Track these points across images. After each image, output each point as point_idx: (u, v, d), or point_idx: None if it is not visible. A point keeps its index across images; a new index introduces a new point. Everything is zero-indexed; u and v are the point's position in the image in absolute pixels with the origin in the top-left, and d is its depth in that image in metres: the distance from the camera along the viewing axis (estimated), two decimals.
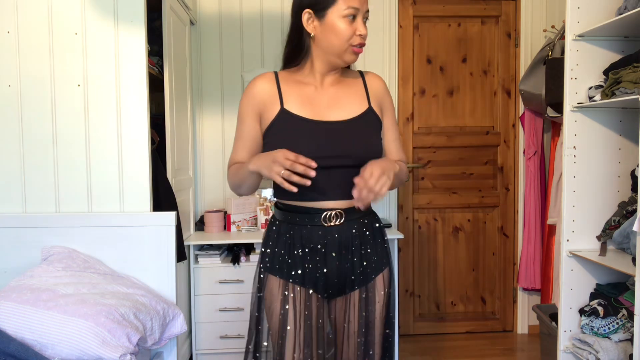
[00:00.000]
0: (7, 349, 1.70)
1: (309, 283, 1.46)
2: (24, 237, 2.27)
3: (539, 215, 3.34)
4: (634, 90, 2.06)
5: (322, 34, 1.43)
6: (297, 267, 1.46)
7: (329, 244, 1.46)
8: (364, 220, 1.51)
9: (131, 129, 2.33)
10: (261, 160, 1.37)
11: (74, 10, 2.29)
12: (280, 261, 1.48)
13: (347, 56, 1.44)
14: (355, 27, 1.41)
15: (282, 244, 1.48)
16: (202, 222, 3.16)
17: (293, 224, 1.47)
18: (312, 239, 1.46)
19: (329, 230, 1.45)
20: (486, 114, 3.53)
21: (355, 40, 1.42)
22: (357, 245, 1.49)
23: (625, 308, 2.26)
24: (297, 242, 1.46)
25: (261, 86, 1.48)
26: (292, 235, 1.47)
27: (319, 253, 1.46)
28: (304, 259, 1.46)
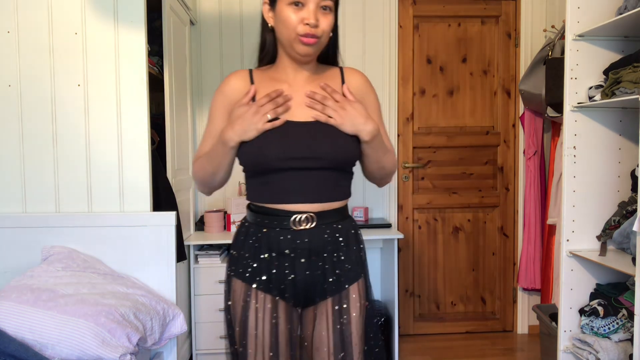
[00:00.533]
0: (7, 349, 1.70)
1: (275, 290, 1.37)
2: (24, 237, 2.27)
3: (539, 215, 3.34)
4: (634, 90, 2.06)
5: (277, 25, 1.36)
6: (262, 273, 1.37)
7: (298, 249, 1.36)
8: (337, 225, 1.40)
9: (131, 129, 2.33)
10: (235, 127, 1.31)
11: (74, 10, 2.29)
12: (244, 265, 1.39)
13: (297, 46, 1.32)
14: (303, 15, 1.30)
15: (248, 247, 1.39)
16: (202, 222, 3.16)
17: (261, 227, 1.38)
18: (280, 243, 1.36)
19: (298, 234, 1.35)
20: (486, 114, 3.53)
21: (301, 29, 1.30)
22: (329, 251, 1.38)
23: (625, 308, 2.26)
24: (264, 246, 1.37)
25: (234, 84, 1.41)
26: (260, 239, 1.38)
27: (287, 258, 1.36)
28: (271, 264, 1.37)
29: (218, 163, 1.38)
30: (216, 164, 1.38)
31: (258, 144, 1.32)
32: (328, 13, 1.33)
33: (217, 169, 1.39)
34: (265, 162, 1.33)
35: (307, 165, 1.33)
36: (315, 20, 1.30)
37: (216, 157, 1.37)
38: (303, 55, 1.35)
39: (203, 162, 1.42)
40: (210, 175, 1.42)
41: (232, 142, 1.32)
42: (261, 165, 1.34)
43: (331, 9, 1.34)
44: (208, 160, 1.40)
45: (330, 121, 1.34)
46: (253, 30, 3.32)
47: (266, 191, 1.37)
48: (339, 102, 1.36)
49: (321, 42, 1.35)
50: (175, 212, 2.34)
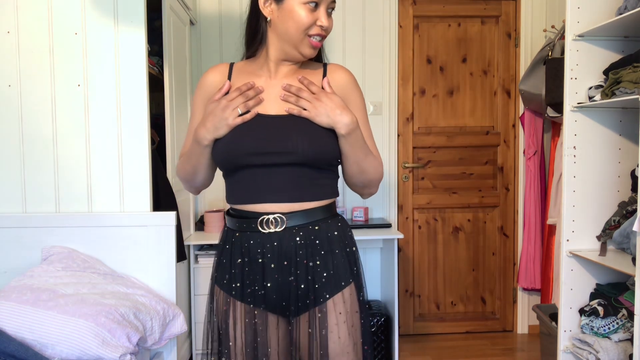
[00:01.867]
0: (7, 349, 1.70)
1: (249, 297, 1.29)
2: (24, 237, 2.27)
3: (539, 215, 3.34)
4: (634, 90, 2.05)
5: (279, 19, 1.27)
6: (237, 280, 1.30)
7: (267, 254, 1.26)
8: (314, 227, 1.29)
9: (131, 129, 2.33)
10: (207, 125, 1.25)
11: (74, 10, 2.29)
12: (223, 271, 1.34)
13: (303, 48, 1.27)
14: (317, 16, 1.25)
15: (226, 252, 1.33)
16: (202, 222, 3.16)
17: (235, 230, 1.31)
18: (250, 247, 1.28)
19: (267, 237, 1.26)
20: (486, 114, 3.53)
21: (314, 30, 1.26)
22: (301, 256, 1.27)
23: (625, 308, 2.26)
24: (237, 251, 1.30)
25: (211, 78, 1.36)
26: (234, 243, 1.31)
27: (258, 264, 1.27)
28: (244, 270, 1.29)
29: (196, 162, 1.32)
30: (194, 163, 1.33)
31: (227, 139, 1.25)
32: (331, 16, 1.30)
33: (196, 169, 1.34)
34: (234, 159, 1.26)
35: (278, 161, 1.25)
36: (327, 24, 1.27)
37: (193, 157, 1.32)
38: (307, 56, 1.30)
39: (183, 161, 1.37)
40: (191, 174, 1.36)
41: (206, 141, 1.26)
42: (231, 163, 1.27)
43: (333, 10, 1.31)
44: (187, 159, 1.34)
45: (303, 113, 1.26)
46: None
47: (237, 190, 1.30)
48: (315, 94, 1.28)
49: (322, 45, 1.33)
50: (175, 212, 2.34)
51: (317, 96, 1.27)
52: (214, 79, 1.35)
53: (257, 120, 1.27)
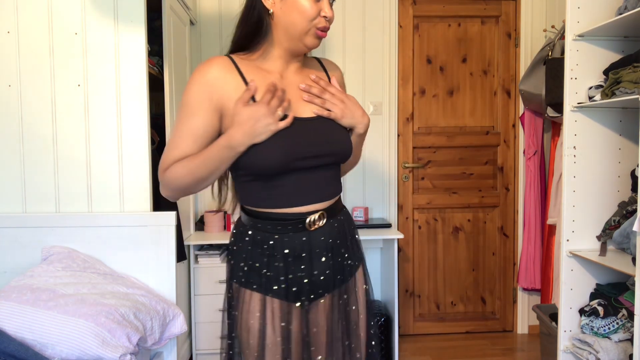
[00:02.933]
0: (7, 349, 1.70)
1: (291, 294, 1.30)
2: (24, 237, 2.27)
3: (539, 215, 3.34)
4: (634, 90, 2.05)
5: (283, 11, 1.25)
6: (278, 280, 1.29)
7: (314, 249, 1.30)
8: (340, 217, 1.37)
9: (131, 129, 2.33)
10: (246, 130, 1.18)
11: (74, 10, 2.29)
12: (257, 274, 1.29)
13: (308, 39, 1.26)
14: (321, 7, 1.24)
15: (257, 255, 1.29)
16: (202, 222, 3.16)
17: (272, 233, 1.28)
18: (297, 247, 1.29)
19: (313, 234, 1.29)
20: (486, 114, 3.53)
21: (320, 22, 1.25)
22: (339, 245, 1.35)
23: (625, 308, 2.26)
24: (279, 252, 1.28)
25: (219, 73, 1.25)
26: (273, 246, 1.28)
27: (304, 260, 1.30)
28: (287, 269, 1.29)
29: (216, 168, 1.23)
30: (213, 169, 1.23)
31: (269, 144, 1.20)
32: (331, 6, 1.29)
33: (212, 175, 1.25)
34: (275, 165, 1.22)
35: (316, 163, 1.27)
36: (330, 14, 1.26)
37: (215, 162, 1.22)
38: (311, 47, 1.29)
39: (190, 167, 1.23)
40: (200, 181, 1.25)
41: (243, 147, 1.20)
42: (270, 169, 1.23)
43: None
44: (201, 164, 1.22)
45: (331, 115, 1.30)
46: None
47: (274, 195, 1.27)
48: (334, 95, 1.32)
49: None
50: (175, 212, 2.34)
51: (339, 97, 1.32)
52: (222, 75, 1.25)
53: (294, 125, 1.24)
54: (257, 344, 1.29)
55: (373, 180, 3.43)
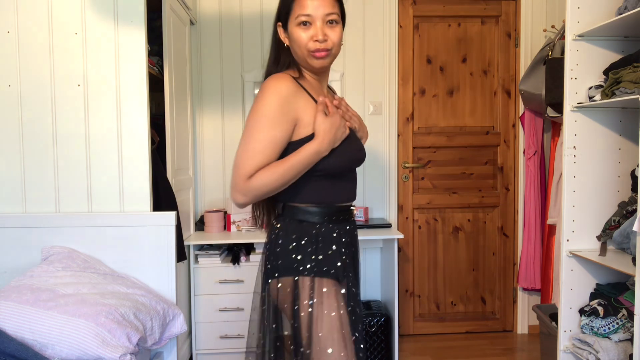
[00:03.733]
0: (7, 349, 1.70)
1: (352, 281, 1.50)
2: (24, 237, 2.27)
3: (539, 215, 3.34)
4: (634, 90, 2.06)
5: (290, 44, 1.47)
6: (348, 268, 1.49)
7: (354, 239, 1.57)
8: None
9: (131, 129, 2.33)
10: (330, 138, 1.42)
11: (74, 10, 2.29)
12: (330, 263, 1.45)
13: (311, 61, 1.45)
14: (312, 33, 1.41)
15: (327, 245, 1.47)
16: (202, 222, 3.16)
17: (336, 224, 1.50)
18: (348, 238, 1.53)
19: (353, 225, 1.57)
20: (486, 114, 3.53)
21: (311, 45, 1.42)
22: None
23: (625, 308, 2.26)
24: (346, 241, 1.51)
25: (293, 89, 1.42)
26: (340, 235, 1.49)
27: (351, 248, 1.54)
28: (348, 257, 1.50)
29: (302, 171, 1.42)
30: (300, 171, 1.41)
31: (346, 148, 1.47)
32: (335, 26, 1.43)
33: (297, 177, 1.43)
34: (351, 165, 1.51)
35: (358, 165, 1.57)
36: (323, 36, 1.41)
37: (303, 166, 1.41)
38: (319, 68, 1.47)
39: (280, 172, 1.38)
40: (287, 183, 1.42)
41: (327, 152, 1.42)
42: (342, 169, 1.48)
43: (337, 21, 1.44)
44: (290, 169, 1.39)
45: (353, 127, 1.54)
46: (253, 30, 3.32)
47: (340, 191, 1.51)
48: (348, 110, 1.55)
49: (333, 53, 1.45)
50: (175, 212, 2.34)
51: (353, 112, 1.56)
52: (296, 91, 1.43)
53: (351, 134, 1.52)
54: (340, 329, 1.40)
55: (373, 180, 3.43)
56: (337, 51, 1.46)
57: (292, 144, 1.42)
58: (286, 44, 1.48)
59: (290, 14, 1.42)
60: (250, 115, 1.41)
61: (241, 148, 1.39)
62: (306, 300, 1.40)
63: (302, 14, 1.40)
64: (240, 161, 1.38)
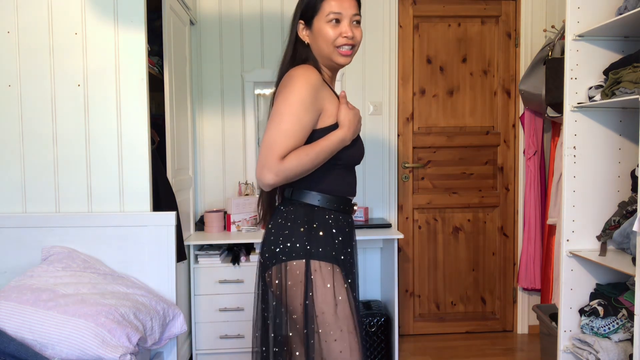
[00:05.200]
0: (7, 349, 1.70)
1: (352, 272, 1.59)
2: (24, 237, 2.27)
3: (539, 215, 3.34)
4: (634, 90, 2.06)
5: (313, 41, 1.54)
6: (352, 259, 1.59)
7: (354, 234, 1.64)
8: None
9: (131, 129, 2.33)
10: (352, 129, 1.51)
11: (74, 10, 2.29)
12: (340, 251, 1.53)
13: (336, 57, 1.53)
14: (340, 29, 1.50)
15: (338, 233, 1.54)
16: (202, 222, 3.16)
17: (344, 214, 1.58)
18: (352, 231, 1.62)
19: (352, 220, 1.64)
20: (486, 114, 3.53)
21: (340, 41, 1.51)
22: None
23: (625, 308, 2.26)
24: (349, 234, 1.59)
25: (320, 80, 1.50)
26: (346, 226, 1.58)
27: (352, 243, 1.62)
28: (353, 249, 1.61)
29: (327, 157, 1.49)
30: (326, 157, 1.48)
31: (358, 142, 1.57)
32: (358, 26, 1.54)
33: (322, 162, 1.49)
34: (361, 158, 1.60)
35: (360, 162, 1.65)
36: (351, 33, 1.51)
37: (328, 153, 1.48)
38: (342, 64, 1.55)
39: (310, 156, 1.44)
40: (314, 167, 1.48)
41: (349, 142, 1.52)
42: (359, 160, 1.59)
43: (359, 22, 1.55)
44: (318, 154, 1.45)
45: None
46: (253, 30, 3.32)
47: (350, 183, 1.59)
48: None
49: (355, 51, 1.55)
50: (175, 212, 2.35)
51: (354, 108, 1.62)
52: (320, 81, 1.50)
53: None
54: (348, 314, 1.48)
55: (373, 180, 3.43)
56: (357, 49, 1.57)
57: (317, 132, 1.48)
58: (306, 42, 1.56)
59: (319, 12, 1.51)
60: (282, 99, 1.45)
61: (275, 129, 1.42)
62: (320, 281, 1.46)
63: (333, 11, 1.50)
64: (274, 141, 1.41)
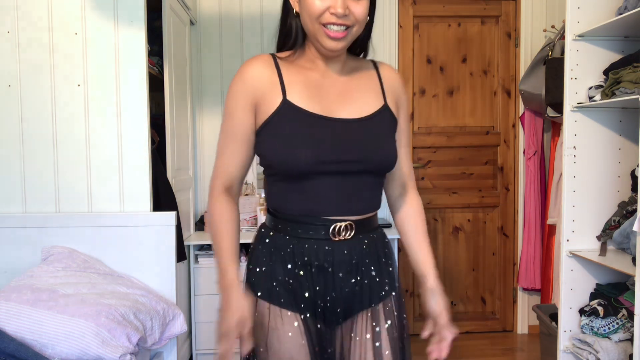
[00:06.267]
0: (7, 349, 1.70)
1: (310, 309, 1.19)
2: (24, 237, 2.27)
3: (539, 215, 3.34)
4: (634, 90, 2.06)
5: (301, 11, 1.16)
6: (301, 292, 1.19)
7: (337, 263, 1.19)
8: (373, 235, 1.27)
9: (131, 129, 2.33)
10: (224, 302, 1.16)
11: (74, 10, 2.29)
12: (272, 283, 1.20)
13: (321, 38, 1.13)
14: (330, 3, 1.10)
15: (279, 262, 1.20)
16: (202, 222, 3.16)
17: (293, 237, 1.19)
18: (318, 256, 1.18)
19: (337, 245, 1.19)
20: (486, 114, 3.53)
21: (326, 18, 1.10)
22: (367, 264, 1.23)
23: (625, 308, 2.26)
24: (299, 260, 1.19)
25: (258, 70, 1.18)
26: (292, 251, 1.19)
27: (325, 273, 1.19)
28: (307, 280, 1.19)
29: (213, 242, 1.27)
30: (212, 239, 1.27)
31: (291, 145, 1.14)
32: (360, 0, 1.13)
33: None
34: (301, 165, 1.13)
35: (349, 169, 1.17)
36: (343, 10, 1.09)
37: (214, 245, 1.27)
38: (329, 50, 1.15)
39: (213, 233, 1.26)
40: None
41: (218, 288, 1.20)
42: (296, 169, 1.14)
43: None
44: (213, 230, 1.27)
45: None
46: (253, 30, 3.32)
47: (299, 198, 1.18)
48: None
49: (352, 34, 1.15)
50: (175, 212, 2.34)
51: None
52: (261, 72, 1.18)
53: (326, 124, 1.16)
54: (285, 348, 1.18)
55: None
56: (358, 31, 1.15)
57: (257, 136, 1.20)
58: (295, 11, 1.18)
59: None
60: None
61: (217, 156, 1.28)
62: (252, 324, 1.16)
63: None
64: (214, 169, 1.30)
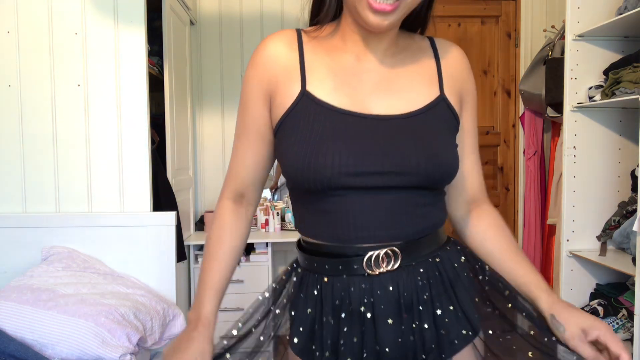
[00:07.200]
0: (7, 349, 1.70)
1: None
2: (24, 237, 2.27)
3: (539, 215, 3.34)
4: (634, 90, 2.06)
5: None
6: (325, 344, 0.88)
7: (378, 304, 0.86)
8: (434, 259, 0.92)
9: (131, 129, 2.33)
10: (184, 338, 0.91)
11: (74, 10, 2.29)
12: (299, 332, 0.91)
13: (363, 12, 0.83)
14: None
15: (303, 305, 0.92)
16: (202, 222, 3.16)
17: (321, 274, 0.90)
18: (351, 296, 0.87)
19: (377, 281, 0.87)
20: (486, 114, 3.53)
21: None
22: (425, 301, 0.88)
23: (625, 308, 2.26)
24: (327, 304, 0.89)
25: (274, 51, 0.91)
26: (320, 292, 0.90)
27: (363, 319, 0.87)
28: (339, 329, 0.88)
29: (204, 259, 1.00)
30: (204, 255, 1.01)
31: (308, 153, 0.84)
32: None
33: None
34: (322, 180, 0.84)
35: (388, 183, 0.85)
36: None
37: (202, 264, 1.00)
38: (372, 27, 0.85)
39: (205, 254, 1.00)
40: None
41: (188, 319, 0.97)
42: (313, 184, 0.85)
43: None
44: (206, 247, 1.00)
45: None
46: (253, 30, 3.32)
47: (324, 221, 0.89)
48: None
49: (407, 4, 0.85)
50: (175, 212, 2.34)
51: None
52: (279, 54, 0.91)
53: (355, 123, 0.86)
54: None
55: None
56: (409, 7, 0.86)
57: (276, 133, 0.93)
58: None
59: None
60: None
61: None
62: None
63: None
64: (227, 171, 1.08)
